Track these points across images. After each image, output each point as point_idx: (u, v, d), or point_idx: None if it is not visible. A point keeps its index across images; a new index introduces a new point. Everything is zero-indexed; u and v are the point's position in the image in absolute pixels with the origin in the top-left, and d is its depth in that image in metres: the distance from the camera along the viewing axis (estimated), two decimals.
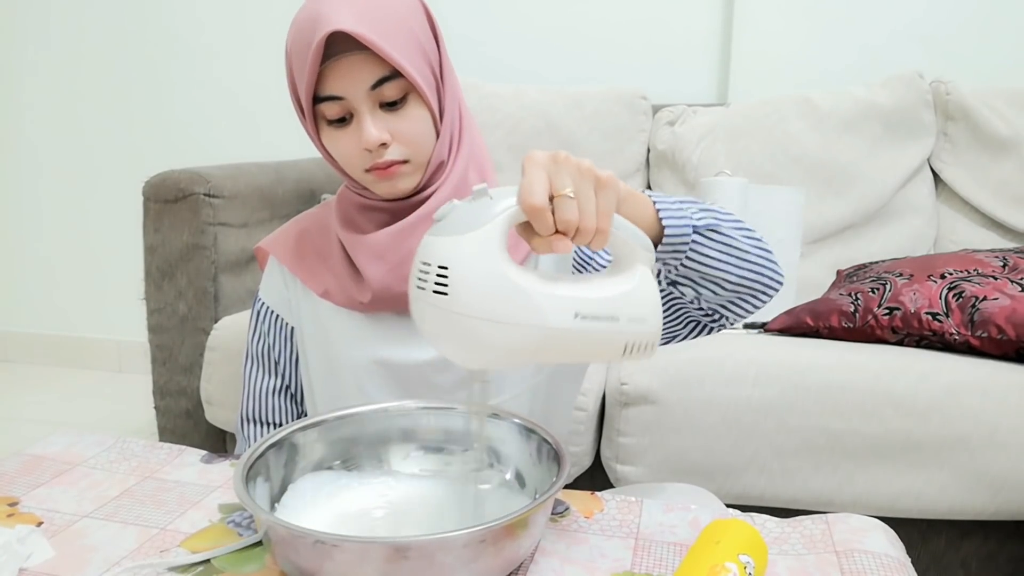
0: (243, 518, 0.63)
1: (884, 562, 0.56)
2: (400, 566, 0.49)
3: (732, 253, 0.66)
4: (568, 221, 0.51)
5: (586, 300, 0.52)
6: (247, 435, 0.89)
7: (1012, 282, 1.19)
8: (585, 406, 1.19)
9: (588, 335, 0.52)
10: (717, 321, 0.74)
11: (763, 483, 1.17)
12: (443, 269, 0.49)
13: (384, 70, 0.70)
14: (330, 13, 0.68)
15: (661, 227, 0.62)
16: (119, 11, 2.37)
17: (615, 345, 0.54)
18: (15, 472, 0.71)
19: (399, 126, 0.73)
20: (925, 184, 1.74)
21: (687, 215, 0.63)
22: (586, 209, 0.51)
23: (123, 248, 2.41)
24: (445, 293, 0.49)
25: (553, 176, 0.51)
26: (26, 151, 2.54)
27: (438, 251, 0.50)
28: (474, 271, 0.50)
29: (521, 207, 0.50)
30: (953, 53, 1.85)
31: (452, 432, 0.69)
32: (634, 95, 1.85)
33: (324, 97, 0.71)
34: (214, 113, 2.38)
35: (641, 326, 0.54)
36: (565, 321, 0.51)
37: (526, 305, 0.50)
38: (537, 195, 0.50)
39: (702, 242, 0.64)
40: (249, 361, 0.90)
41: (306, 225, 0.87)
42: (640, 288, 0.54)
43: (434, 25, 0.76)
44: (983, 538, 1.22)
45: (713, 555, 0.51)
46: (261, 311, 0.89)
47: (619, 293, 0.53)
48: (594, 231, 0.52)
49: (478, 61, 2.10)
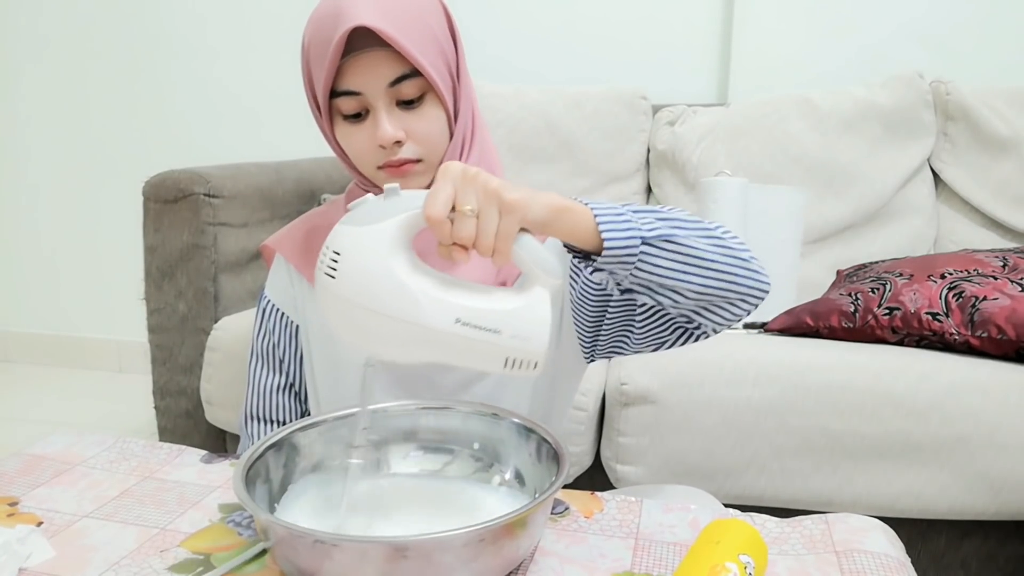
0: (243, 518, 0.63)
1: (884, 562, 0.56)
2: (399, 566, 0.49)
3: (691, 263, 0.64)
4: (463, 237, 0.53)
5: (470, 308, 0.54)
6: (251, 432, 0.89)
7: (1012, 282, 1.19)
8: (585, 406, 1.19)
9: (468, 342, 0.54)
10: (698, 328, 0.72)
11: (763, 483, 1.17)
12: (336, 255, 0.53)
13: (403, 68, 0.71)
14: (352, 8, 0.68)
15: (601, 238, 0.61)
16: (119, 10, 2.37)
17: (495, 357, 0.55)
18: (15, 472, 0.71)
19: (415, 125, 0.73)
20: (925, 184, 1.74)
21: (634, 226, 0.61)
22: (484, 229, 0.53)
23: (123, 248, 2.41)
24: (333, 277, 0.53)
25: (459, 191, 0.53)
26: (26, 151, 2.54)
27: (336, 238, 0.54)
28: (362, 261, 0.53)
29: (423, 214, 0.53)
30: (953, 53, 1.85)
31: (452, 432, 0.69)
32: (634, 95, 1.85)
33: (341, 92, 0.72)
34: (215, 113, 2.38)
35: (523, 343, 0.55)
36: (444, 324, 0.54)
37: (406, 302, 0.53)
38: (437, 207, 0.52)
39: (653, 252, 0.62)
40: (254, 358, 0.90)
41: (315, 223, 0.88)
42: (530, 308, 0.56)
43: (453, 26, 0.77)
44: (983, 538, 1.22)
45: (713, 555, 0.51)
46: (267, 308, 0.89)
47: (507, 308, 0.55)
48: (491, 250, 0.54)
49: (478, 61, 2.09)
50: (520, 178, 1.83)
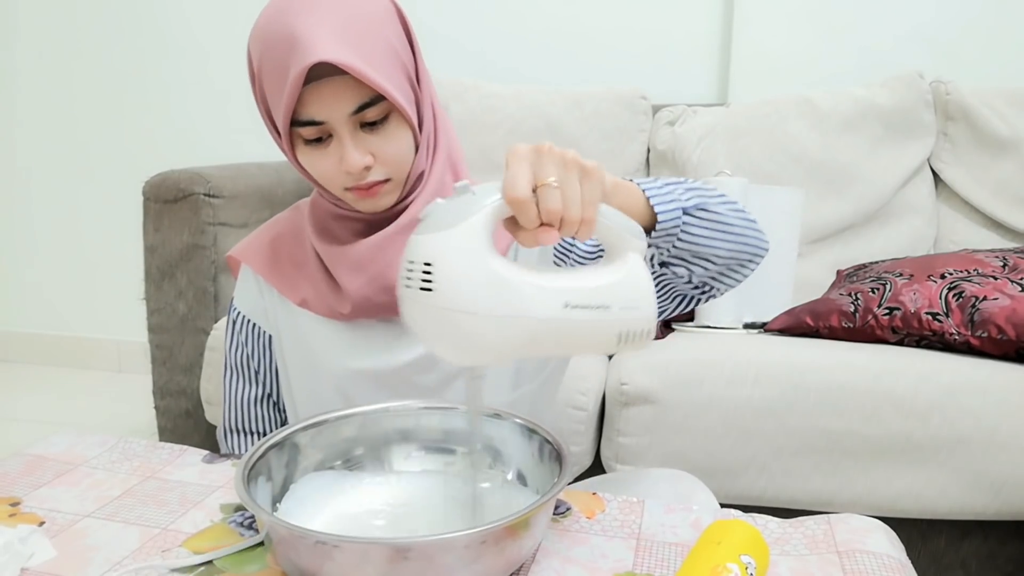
0: (244, 518, 0.63)
1: (886, 562, 0.56)
2: (401, 567, 0.49)
3: (720, 228, 0.67)
4: (552, 211, 0.50)
5: (576, 289, 0.52)
6: (231, 446, 0.88)
7: (1012, 282, 1.20)
8: (585, 406, 1.19)
9: (580, 324, 0.52)
10: (707, 293, 0.74)
11: (763, 483, 1.17)
12: (428, 265, 0.49)
13: (367, 95, 0.67)
14: (308, 36, 0.64)
15: (653, 214, 0.62)
16: (119, 10, 2.37)
17: (609, 334, 0.53)
18: (17, 472, 0.71)
19: (381, 147, 0.70)
20: (925, 184, 1.74)
21: (675, 197, 0.63)
22: (571, 198, 0.51)
23: (123, 248, 2.41)
24: (430, 289, 0.49)
25: (536, 167, 0.51)
26: (26, 151, 2.54)
27: (422, 248, 0.50)
28: (458, 265, 0.50)
29: (505, 200, 0.50)
30: (953, 53, 1.85)
31: (453, 432, 0.69)
32: (634, 95, 1.85)
33: (303, 122, 0.68)
34: (215, 113, 2.37)
35: (634, 313, 0.54)
36: (555, 311, 0.51)
37: (513, 296, 0.50)
38: (520, 187, 0.50)
39: (692, 222, 0.64)
40: (228, 371, 0.88)
41: (278, 231, 0.85)
42: (631, 275, 0.54)
43: (408, 27, 0.73)
44: (983, 538, 1.22)
45: (715, 556, 0.51)
46: (237, 320, 0.86)
47: (610, 282, 0.53)
48: (579, 221, 0.51)
49: (478, 61, 2.10)
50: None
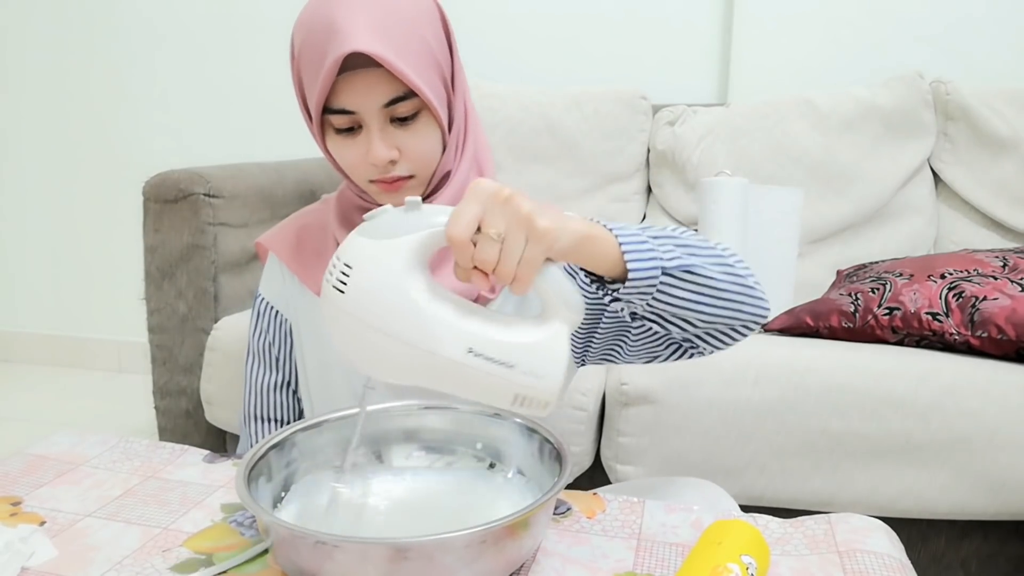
0: (245, 517, 0.63)
1: (886, 562, 0.56)
2: (401, 567, 0.49)
3: (706, 293, 0.63)
4: (485, 261, 0.50)
5: (486, 339, 0.51)
6: (251, 432, 0.89)
7: (1012, 282, 1.20)
8: (585, 406, 1.19)
9: (477, 374, 0.51)
10: (695, 348, 0.71)
11: (763, 483, 1.17)
12: (347, 267, 0.50)
13: (399, 89, 0.70)
14: (347, 26, 0.66)
15: (626, 268, 0.58)
16: (119, 9, 2.37)
17: (505, 392, 0.52)
18: (18, 472, 0.71)
19: (408, 143, 0.72)
20: (925, 184, 1.74)
21: (657, 255, 0.59)
22: (508, 254, 0.50)
23: (123, 248, 2.41)
24: (342, 292, 0.50)
25: (488, 212, 0.50)
26: (26, 150, 2.54)
27: (349, 249, 0.51)
28: (374, 278, 0.50)
29: (445, 233, 0.50)
30: (953, 53, 1.85)
31: (454, 432, 0.69)
32: (634, 95, 1.85)
33: (335, 110, 0.71)
34: (215, 113, 2.37)
35: (536, 381, 0.52)
36: (456, 353, 0.50)
37: (417, 326, 0.50)
38: (461, 228, 0.49)
39: (672, 283, 0.60)
40: (251, 357, 0.90)
41: (306, 221, 0.88)
42: (548, 344, 0.53)
43: (448, 29, 0.76)
44: (983, 538, 1.22)
45: (715, 556, 0.51)
46: (261, 307, 0.89)
47: (524, 342, 0.52)
48: (512, 278, 0.51)
49: (478, 61, 2.09)
50: (520, 178, 1.83)
